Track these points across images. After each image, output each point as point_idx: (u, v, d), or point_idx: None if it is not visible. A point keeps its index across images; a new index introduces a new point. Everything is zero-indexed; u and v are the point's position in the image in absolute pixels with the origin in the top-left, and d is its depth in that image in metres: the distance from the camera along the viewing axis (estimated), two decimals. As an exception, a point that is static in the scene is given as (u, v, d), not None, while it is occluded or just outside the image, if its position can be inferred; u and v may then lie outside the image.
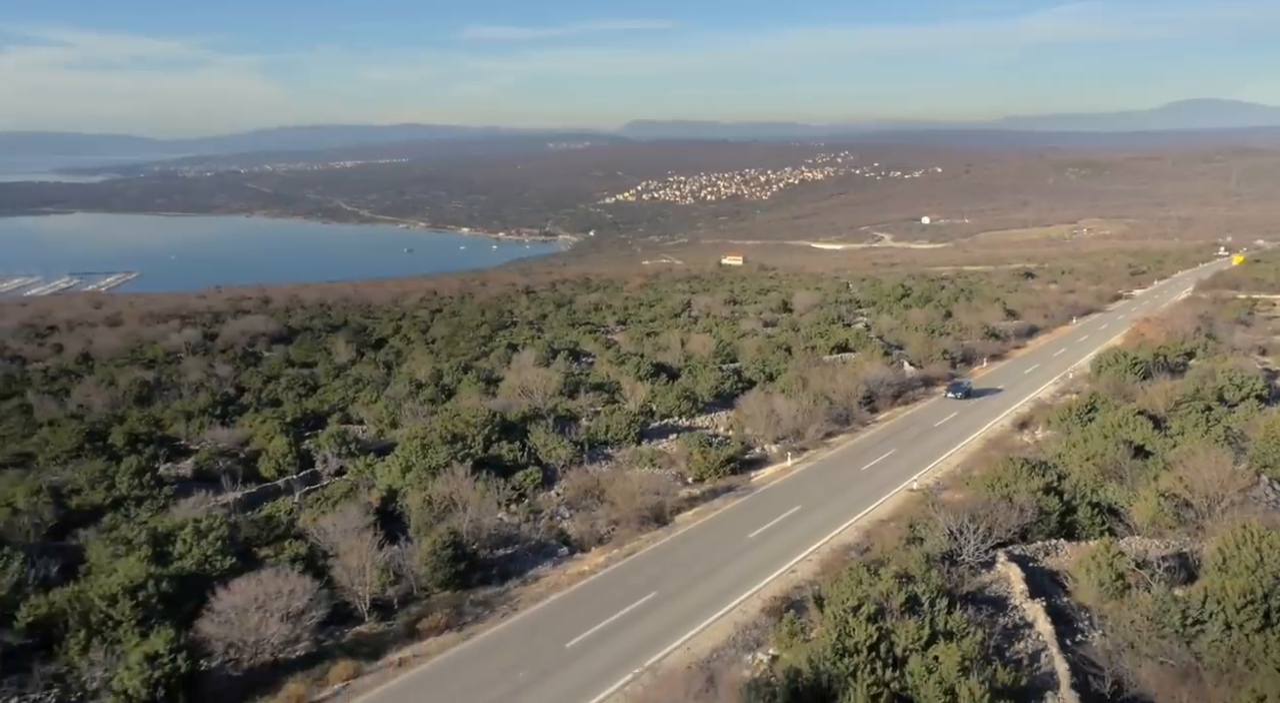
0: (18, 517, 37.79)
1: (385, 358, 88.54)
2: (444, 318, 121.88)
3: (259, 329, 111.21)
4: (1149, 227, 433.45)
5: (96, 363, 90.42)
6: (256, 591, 28.14)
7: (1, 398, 70.79)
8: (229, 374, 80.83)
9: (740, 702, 22.77)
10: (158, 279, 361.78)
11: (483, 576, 35.74)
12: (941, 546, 33.42)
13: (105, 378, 75.38)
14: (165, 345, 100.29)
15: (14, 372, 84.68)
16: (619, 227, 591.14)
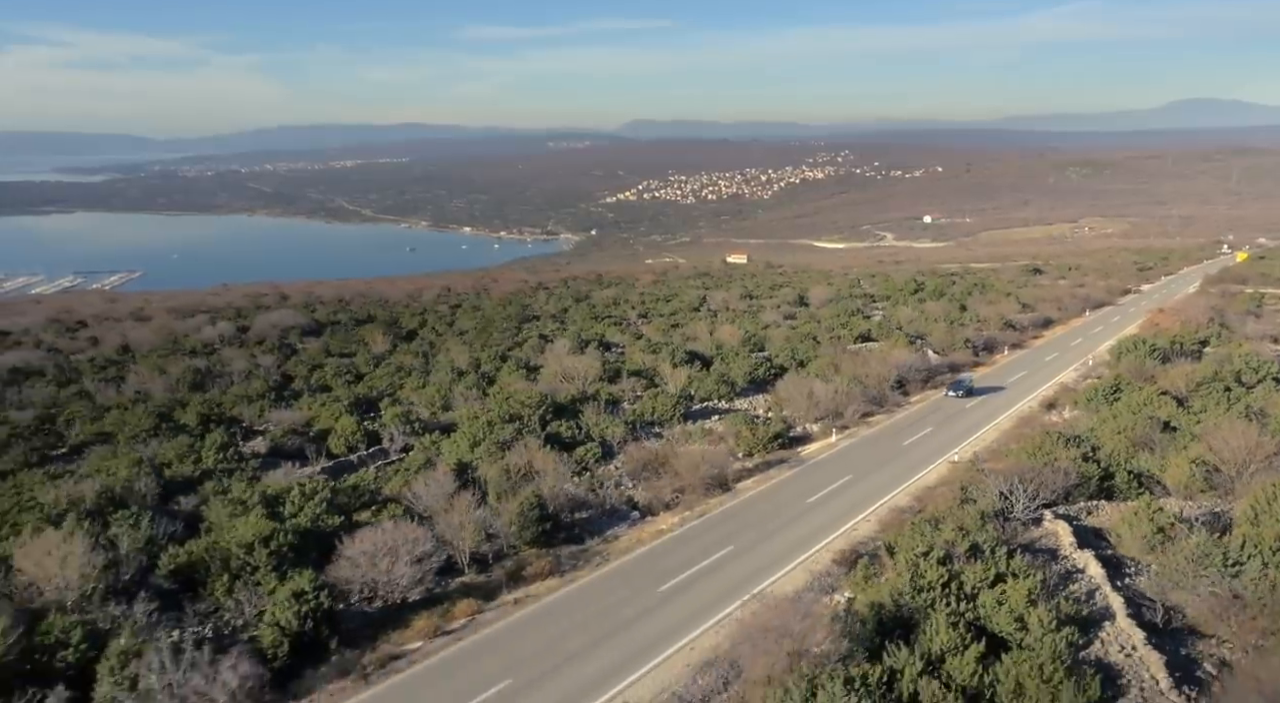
0: (130, 485, 40.72)
1: (420, 348, 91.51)
2: (466, 312, 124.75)
3: (288, 323, 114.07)
4: (1150, 225, 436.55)
5: (137, 354, 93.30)
6: (384, 538, 31.20)
7: (60, 385, 73.69)
8: (272, 364, 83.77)
9: (835, 627, 25.80)
10: (161, 278, 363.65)
11: (565, 535, 38.77)
12: (993, 505, 36.55)
13: (157, 367, 78.31)
14: (200, 338, 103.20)
15: (60, 362, 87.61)
16: (620, 226, 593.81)
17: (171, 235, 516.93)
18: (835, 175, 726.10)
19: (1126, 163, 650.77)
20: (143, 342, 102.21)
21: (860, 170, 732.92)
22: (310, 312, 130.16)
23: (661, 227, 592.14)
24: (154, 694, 23.40)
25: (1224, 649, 26.24)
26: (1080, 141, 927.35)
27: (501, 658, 26.83)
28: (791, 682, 22.92)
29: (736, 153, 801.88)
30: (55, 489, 40.05)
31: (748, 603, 28.89)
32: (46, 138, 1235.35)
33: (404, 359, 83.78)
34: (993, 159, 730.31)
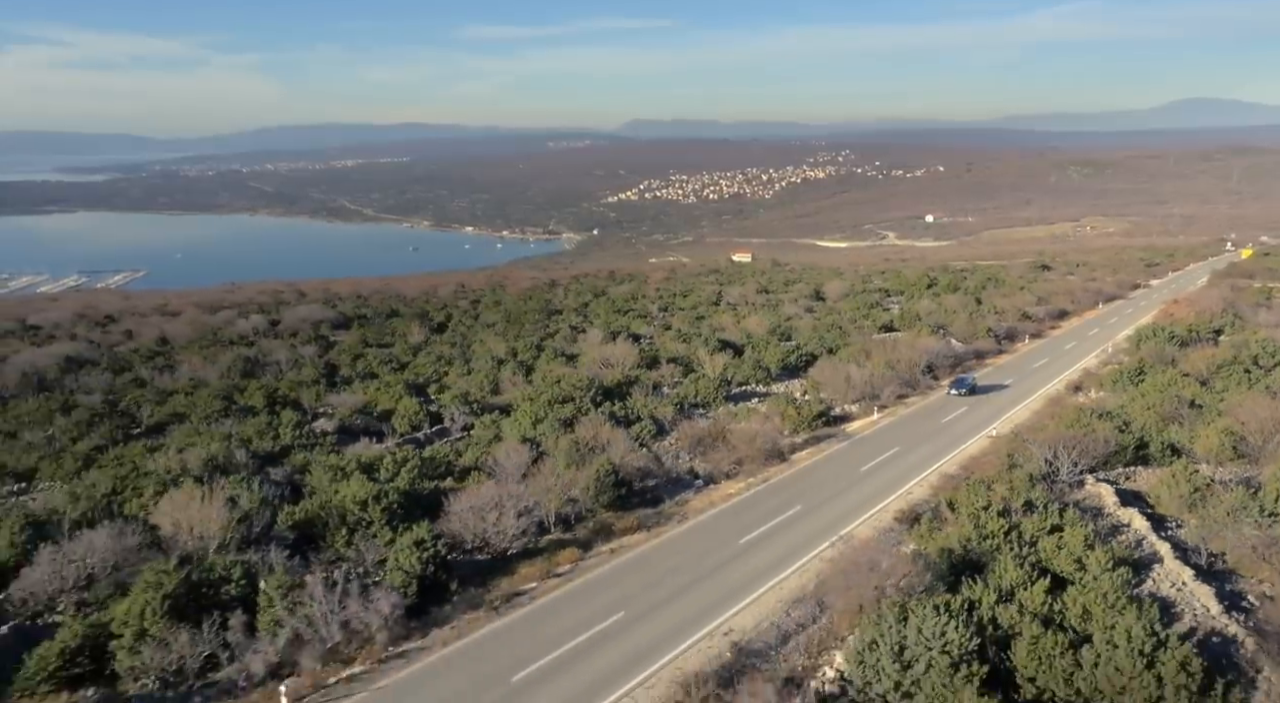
0: (230, 455, 43.70)
1: (453, 339, 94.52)
2: (488, 307, 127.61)
3: (317, 316, 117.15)
4: (1151, 224, 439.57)
5: (177, 345, 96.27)
6: (489, 495, 34.22)
7: (115, 373, 76.66)
8: (313, 353, 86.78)
9: (916, 564, 28.82)
10: (165, 277, 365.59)
11: (637, 500, 41.76)
12: (1039, 470, 39.63)
13: (207, 356, 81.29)
14: (234, 331, 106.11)
15: (107, 353, 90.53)
16: (622, 225, 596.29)
17: (174, 235, 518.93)
18: (836, 175, 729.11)
19: (1127, 162, 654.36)
20: (178, 335, 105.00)
21: (861, 170, 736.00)
22: (333, 307, 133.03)
23: (663, 226, 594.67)
24: (315, 618, 26.40)
25: (1264, 586, 29.28)
26: (1080, 141, 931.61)
27: (611, 596, 29.85)
28: (885, 607, 25.95)
29: (737, 152, 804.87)
30: (162, 459, 43.02)
31: (834, 545, 31.92)
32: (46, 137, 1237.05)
33: (441, 349, 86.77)
34: (993, 158, 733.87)
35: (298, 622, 26.27)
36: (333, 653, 25.90)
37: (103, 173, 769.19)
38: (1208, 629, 26.20)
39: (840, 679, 25.50)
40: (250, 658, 25.27)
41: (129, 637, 26.13)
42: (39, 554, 30.60)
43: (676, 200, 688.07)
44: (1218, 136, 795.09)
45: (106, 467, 44.28)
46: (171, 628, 25.99)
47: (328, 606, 26.76)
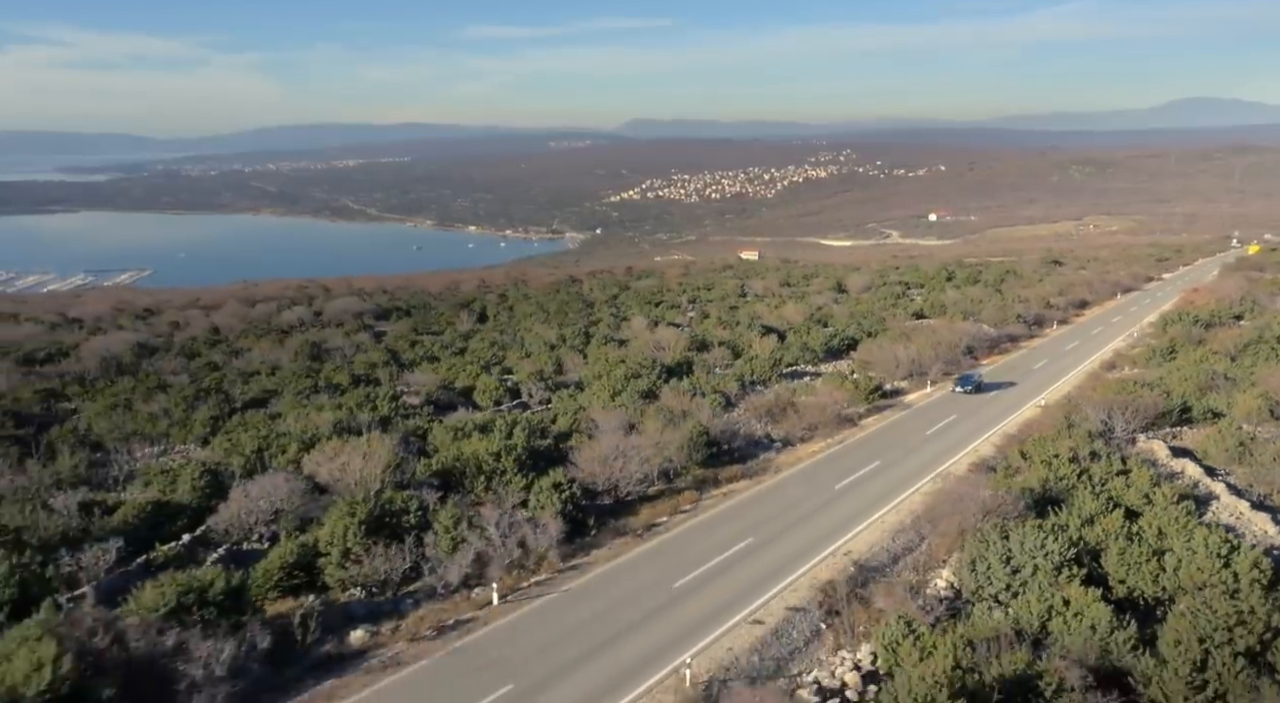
0: (354, 418, 47.99)
1: (499, 327, 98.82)
2: (518, 300, 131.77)
3: (355, 308, 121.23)
4: (1154, 223, 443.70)
5: (232, 334, 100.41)
6: (612, 446, 38.52)
7: (188, 357, 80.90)
8: (369, 340, 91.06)
9: (1007, 496, 33.16)
10: (171, 276, 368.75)
11: (725, 458, 46.04)
12: (1095, 428, 44.01)
13: (275, 342, 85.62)
14: (281, 321, 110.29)
15: (166, 341, 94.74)
16: (625, 225, 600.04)
17: (178, 234, 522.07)
18: (838, 174, 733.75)
19: (1128, 161, 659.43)
20: (227, 326, 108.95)
21: (863, 169, 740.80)
22: (364, 300, 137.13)
23: (666, 225, 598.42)
24: (493, 539, 30.69)
25: (1310, 517, 33.68)
26: (1081, 140, 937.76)
27: (736, 526, 34.20)
28: (988, 528, 30.32)
29: (738, 152, 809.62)
30: (293, 421, 47.33)
31: (922, 488, 36.31)
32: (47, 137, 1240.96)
33: (491, 336, 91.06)
34: (995, 158, 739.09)
35: (480, 542, 30.56)
36: (514, 566, 30.19)
37: (104, 173, 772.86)
38: (1268, 546, 30.59)
39: (950, 588, 29.86)
40: (446, 570, 29.51)
41: (335, 554, 30.41)
42: (233, 492, 34.89)
43: (678, 200, 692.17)
44: (1218, 136, 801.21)
45: (233, 432, 48.54)
46: (369, 547, 30.30)
47: (501, 530, 31.06)
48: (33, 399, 61.39)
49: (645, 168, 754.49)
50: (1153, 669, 22.00)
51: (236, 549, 32.62)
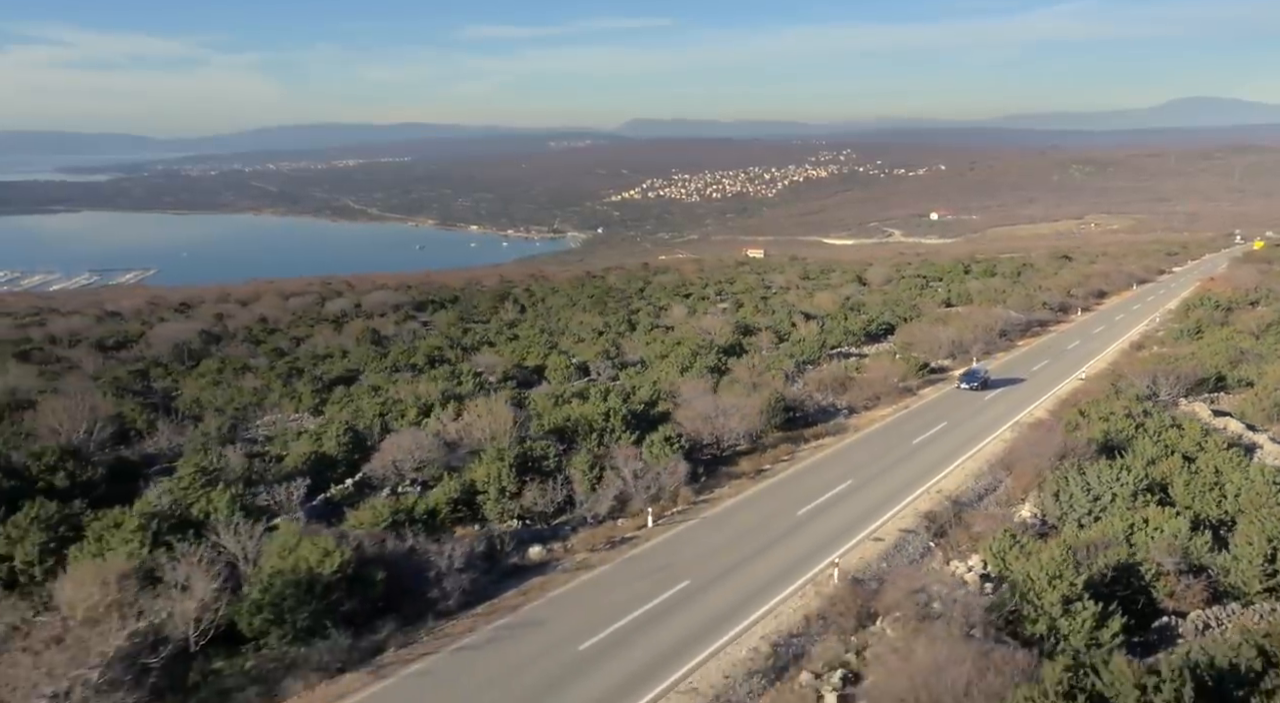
0: (452, 390, 52.42)
1: (540, 317, 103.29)
2: (546, 293, 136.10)
3: (392, 301, 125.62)
4: (1155, 221, 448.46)
5: (283, 324, 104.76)
6: (710, 406, 43.03)
7: (254, 343, 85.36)
8: (419, 328, 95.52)
9: (1076, 443, 37.69)
10: (175, 276, 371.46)
11: (800, 423, 50.52)
12: (1141, 392, 48.60)
13: (334, 329, 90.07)
14: (327, 311, 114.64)
15: (224, 329, 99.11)
16: (626, 224, 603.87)
17: (179, 234, 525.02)
18: (838, 174, 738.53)
19: (1128, 161, 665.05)
20: (272, 317, 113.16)
21: (863, 169, 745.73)
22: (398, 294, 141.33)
23: (667, 225, 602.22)
24: (627, 479, 35.13)
25: (1344, 460, 38.24)
26: (1080, 140, 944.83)
27: (834, 472, 38.76)
28: (1067, 466, 34.86)
29: (738, 152, 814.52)
30: (405, 389, 51.85)
31: (1000, 436, 40.88)
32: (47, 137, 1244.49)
33: (540, 323, 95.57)
34: (995, 157, 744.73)
35: (619, 482, 35.04)
36: (651, 501, 34.65)
37: (104, 172, 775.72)
38: (1310, 481, 35.13)
39: (1035, 517, 34.39)
40: (596, 503, 33.98)
41: (493, 491, 34.87)
42: (382, 445, 39.32)
43: (679, 199, 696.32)
44: (1218, 135, 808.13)
45: (340, 402, 52.98)
46: (522, 486, 34.77)
47: (634, 471, 35.54)
48: (129, 379, 65.73)
49: (645, 167, 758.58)
50: (1229, 563, 26.57)
51: (394, 493, 37.00)
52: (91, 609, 21.44)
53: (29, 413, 46.20)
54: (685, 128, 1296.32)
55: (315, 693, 21.20)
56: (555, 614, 25.20)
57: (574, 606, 25.75)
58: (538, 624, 24.60)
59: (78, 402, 44.50)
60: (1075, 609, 22.64)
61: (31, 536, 27.37)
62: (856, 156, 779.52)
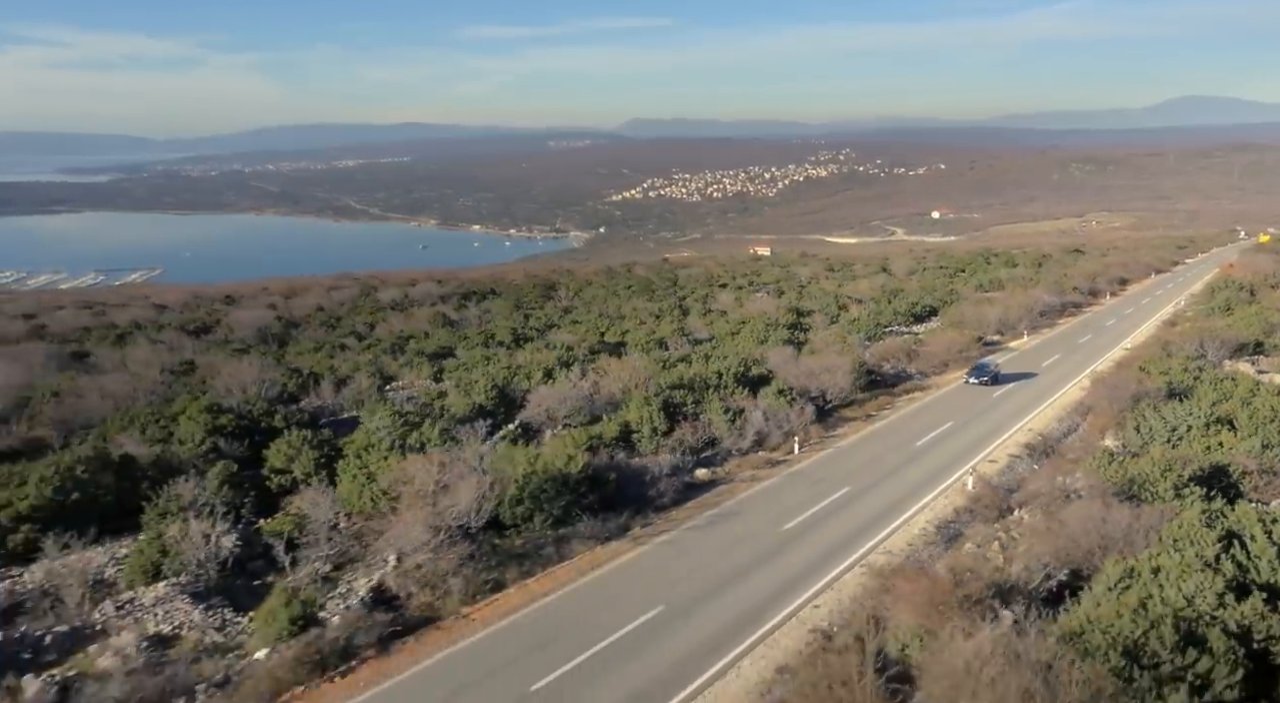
0: (569, 357, 58.24)
1: (590, 304, 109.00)
2: (583, 285, 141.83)
3: (435, 293, 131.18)
4: (1156, 219, 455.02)
5: (342, 313, 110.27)
6: (814, 365, 48.89)
7: (329, 328, 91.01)
8: (480, 313, 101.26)
9: (1149, 388, 43.61)
10: (180, 275, 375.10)
11: (880, 385, 56.38)
12: (1190, 354, 54.61)
13: (405, 314, 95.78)
14: (379, 299, 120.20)
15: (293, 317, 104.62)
16: (628, 224, 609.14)
17: (182, 234, 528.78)
18: (839, 173, 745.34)
19: (1128, 160, 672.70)
20: (333, 306, 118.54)
21: (863, 168, 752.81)
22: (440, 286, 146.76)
23: (669, 224, 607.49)
24: (757, 420, 40.94)
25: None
26: (1080, 139, 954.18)
27: (934, 416, 44.76)
28: (1143, 405, 40.78)
29: (738, 151, 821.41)
30: (527, 355, 57.67)
31: (1067, 391, 46.88)
32: (45, 138, 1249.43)
33: (596, 307, 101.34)
34: (995, 156, 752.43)
35: (759, 421, 40.89)
36: (786, 436, 40.49)
37: (104, 173, 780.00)
38: (1352, 417, 41.09)
39: (1118, 447, 40.27)
40: (741, 438, 39.80)
41: (646, 430, 40.61)
42: (532, 396, 45.18)
43: (680, 199, 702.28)
44: (1216, 134, 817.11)
45: (455, 371, 58.73)
46: (672, 425, 40.56)
47: (765, 413, 41.38)
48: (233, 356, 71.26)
49: (646, 167, 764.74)
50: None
51: (554, 434, 42.76)
52: (413, 496, 27.18)
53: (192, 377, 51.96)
54: (685, 127, 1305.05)
55: (593, 554, 27.06)
56: (750, 509, 31.05)
57: (762, 503, 31.60)
58: (739, 515, 30.45)
59: (245, 366, 50.21)
60: (1185, 492, 28.55)
61: (305, 453, 33.11)
62: (856, 156, 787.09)
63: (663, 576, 25.36)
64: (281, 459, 33.55)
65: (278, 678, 19.78)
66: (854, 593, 23.83)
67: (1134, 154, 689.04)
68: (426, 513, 25.66)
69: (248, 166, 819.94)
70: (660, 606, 23.39)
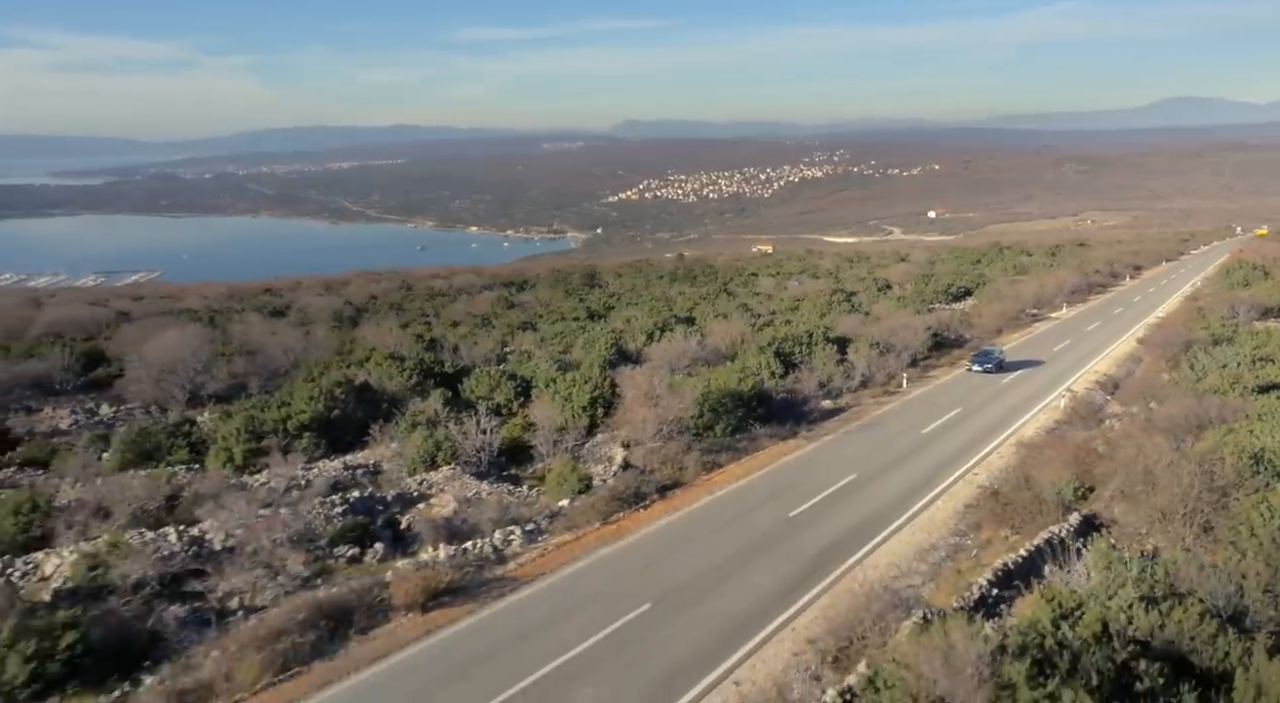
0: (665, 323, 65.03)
1: (633, 291, 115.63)
2: (611, 277, 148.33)
3: (478, 283, 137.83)
4: (1151, 218, 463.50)
5: (395, 300, 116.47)
6: (899, 322, 55.80)
7: (398, 311, 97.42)
8: (531, 299, 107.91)
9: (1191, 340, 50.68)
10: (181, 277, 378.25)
11: (946, 345, 63.27)
12: (1224, 316, 61.82)
13: (468, 298, 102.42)
14: (431, 287, 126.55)
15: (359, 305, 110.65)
16: (625, 224, 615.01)
17: (178, 237, 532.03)
18: (834, 173, 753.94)
19: (1122, 159, 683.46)
20: (384, 295, 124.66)
21: (858, 168, 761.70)
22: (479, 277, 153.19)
23: (667, 225, 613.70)
24: (860, 366, 47.83)
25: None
26: (1072, 139, 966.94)
27: (966, 386, 51.56)
28: (1194, 348, 47.85)
29: (733, 152, 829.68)
30: (619, 322, 64.40)
31: (1115, 349, 53.97)
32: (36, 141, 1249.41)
33: (648, 292, 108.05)
34: (989, 156, 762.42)
35: (865, 364, 47.82)
36: (889, 378, 47.39)
37: (97, 176, 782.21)
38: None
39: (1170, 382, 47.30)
40: (849, 380, 46.65)
41: (765, 373, 47.39)
42: (650, 350, 51.99)
43: (677, 199, 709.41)
44: (1208, 134, 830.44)
45: (556, 339, 65.41)
46: (787, 369, 47.39)
47: (867, 360, 48.31)
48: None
49: (641, 168, 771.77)
50: (1337, 388, 39.55)
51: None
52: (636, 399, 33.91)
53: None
54: (679, 128, 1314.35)
55: (778, 448, 33.95)
56: (888, 421, 37.98)
57: (896, 418, 38.59)
58: (882, 425, 37.38)
59: (385, 332, 56.88)
60: (1252, 397, 35.54)
61: (503, 386, 39.82)
62: (851, 156, 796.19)
63: (844, 458, 32.23)
64: (484, 389, 40.19)
65: (597, 511, 26.48)
66: (1003, 465, 30.69)
67: (1127, 154, 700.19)
68: (651, 412, 32.37)
69: (242, 169, 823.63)
70: (854, 474, 30.25)
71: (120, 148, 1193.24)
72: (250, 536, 22.82)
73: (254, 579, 21.55)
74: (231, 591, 21.33)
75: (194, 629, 19.33)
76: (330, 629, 19.25)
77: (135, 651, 18.19)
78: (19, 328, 70.10)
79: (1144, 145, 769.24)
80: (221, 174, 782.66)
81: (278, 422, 34.99)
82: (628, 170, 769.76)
